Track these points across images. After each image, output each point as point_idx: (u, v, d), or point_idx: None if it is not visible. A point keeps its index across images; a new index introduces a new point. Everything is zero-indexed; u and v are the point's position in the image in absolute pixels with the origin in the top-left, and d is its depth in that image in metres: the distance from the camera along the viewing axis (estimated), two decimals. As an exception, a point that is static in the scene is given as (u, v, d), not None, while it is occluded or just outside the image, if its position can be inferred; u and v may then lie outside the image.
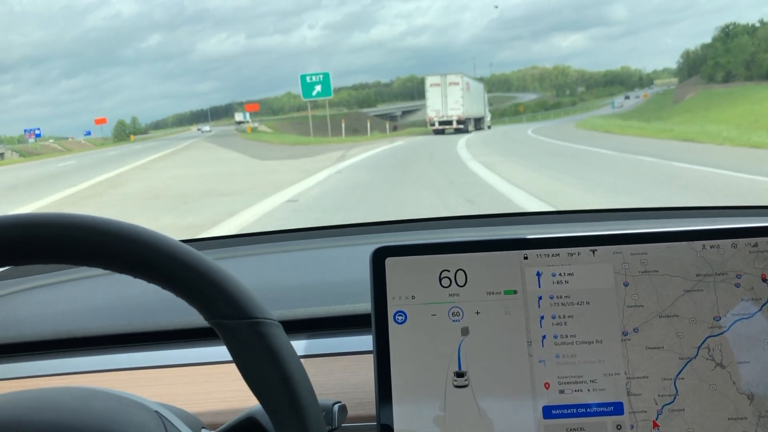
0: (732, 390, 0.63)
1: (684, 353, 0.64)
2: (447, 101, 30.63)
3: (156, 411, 0.57)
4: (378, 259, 0.66)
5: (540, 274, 0.65)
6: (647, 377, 0.63)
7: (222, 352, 0.83)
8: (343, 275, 1.21)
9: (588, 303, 0.65)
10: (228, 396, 0.82)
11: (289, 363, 0.49)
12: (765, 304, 0.64)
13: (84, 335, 0.97)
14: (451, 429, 0.63)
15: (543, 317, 0.64)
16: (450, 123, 30.26)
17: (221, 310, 0.48)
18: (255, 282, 0.70)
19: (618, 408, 0.63)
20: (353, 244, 1.37)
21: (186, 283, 0.48)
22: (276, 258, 1.36)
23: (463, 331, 0.64)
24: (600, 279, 0.65)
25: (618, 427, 0.63)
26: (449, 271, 0.65)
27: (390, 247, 0.66)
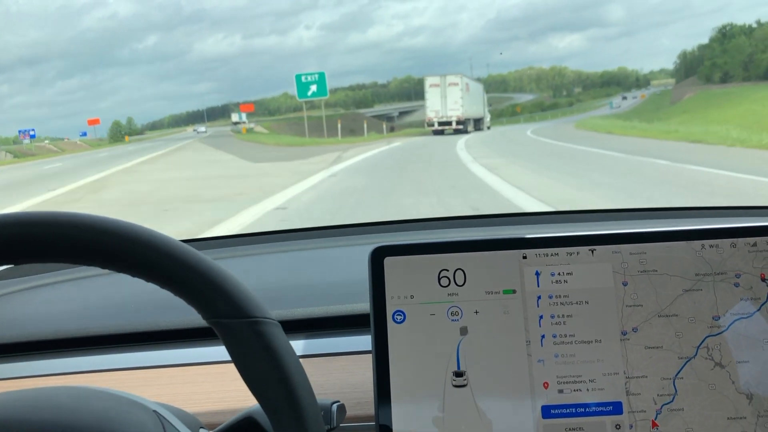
0: (731, 389, 0.63)
1: (683, 353, 0.64)
2: (446, 102, 30.60)
3: (154, 411, 0.57)
4: (377, 259, 0.66)
5: (539, 273, 0.65)
6: (646, 377, 0.63)
7: (221, 351, 0.83)
8: (342, 275, 1.21)
9: (587, 302, 0.65)
10: (227, 396, 0.82)
11: (288, 362, 0.49)
12: (764, 303, 0.64)
13: (83, 335, 0.97)
14: (450, 428, 0.63)
15: (542, 317, 0.64)
16: (449, 124, 30.23)
17: (220, 309, 0.48)
18: (254, 282, 0.70)
19: (617, 407, 0.63)
20: (352, 244, 1.37)
21: (185, 283, 0.48)
22: (275, 258, 1.36)
23: (462, 331, 0.64)
24: (599, 278, 0.65)
25: (617, 427, 0.63)
26: (448, 271, 0.65)
27: (389, 247, 0.66)
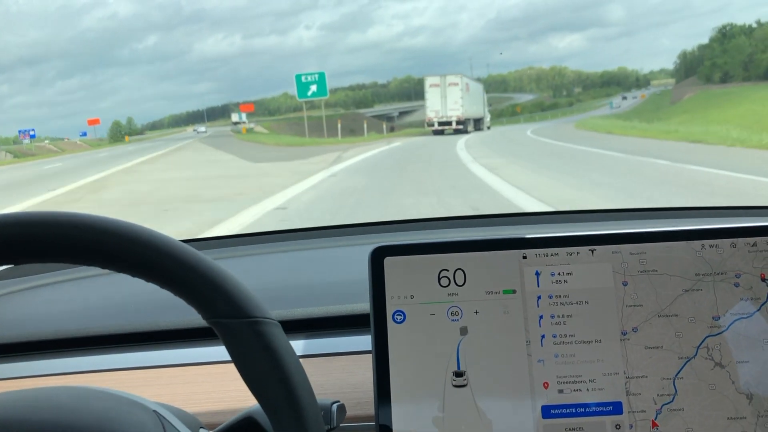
0: (731, 389, 0.63)
1: (683, 353, 0.64)
2: (446, 102, 30.59)
3: (154, 411, 0.57)
4: (377, 259, 0.66)
5: (539, 273, 0.65)
6: (646, 377, 0.63)
7: (221, 351, 0.83)
8: (342, 275, 1.21)
9: (587, 302, 0.65)
10: (226, 396, 0.82)
11: (288, 362, 0.49)
12: (764, 303, 0.64)
13: (83, 335, 0.97)
14: (450, 428, 0.63)
15: (542, 317, 0.64)
16: (449, 124, 30.23)
17: (220, 309, 0.48)
18: (254, 282, 0.70)
19: (617, 407, 0.63)
20: (352, 244, 1.37)
21: (185, 283, 0.48)
22: (275, 258, 1.35)
23: (462, 331, 0.64)
24: (599, 278, 0.65)
25: (617, 427, 0.63)
26: (448, 271, 0.65)
27: (389, 247, 0.66)
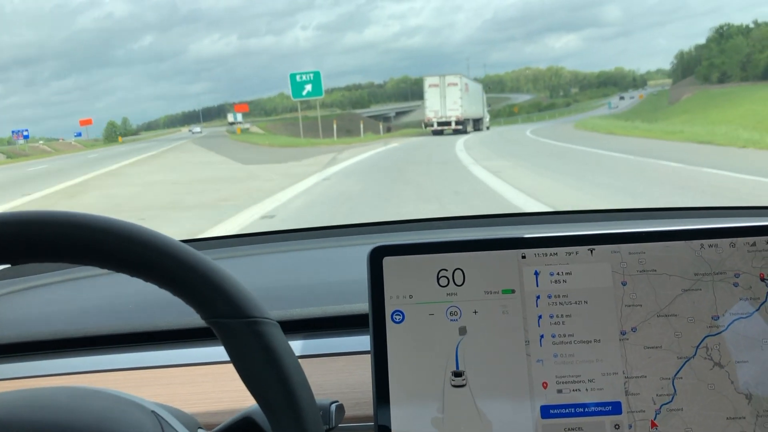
0: (730, 389, 0.63)
1: (682, 353, 0.64)
2: (445, 102, 30.62)
3: (153, 411, 0.57)
4: (375, 259, 0.66)
5: (538, 273, 0.65)
6: (645, 377, 0.63)
7: (219, 352, 0.83)
8: (341, 275, 1.21)
9: (586, 302, 0.65)
10: (225, 396, 0.82)
11: (287, 363, 0.48)
12: (763, 303, 0.64)
13: (81, 335, 0.97)
14: (449, 429, 0.63)
15: (541, 316, 0.64)
16: (448, 124, 30.26)
17: (219, 309, 0.48)
18: (253, 282, 0.70)
19: (616, 407, 0.63)
20: (351, 244, 1.37)
21: (183, 283, 0.48)
22: (274, 258, 1.35)
23: (461, 331, 0.64)
24: (598, 278, 0.65)
25: (616, 427, 0.63)
26: (447, 271, 0.65)
27: (387, 247, 0.66)
